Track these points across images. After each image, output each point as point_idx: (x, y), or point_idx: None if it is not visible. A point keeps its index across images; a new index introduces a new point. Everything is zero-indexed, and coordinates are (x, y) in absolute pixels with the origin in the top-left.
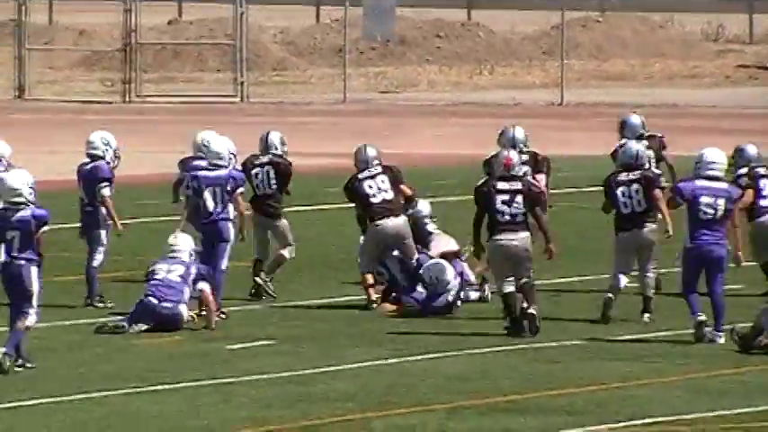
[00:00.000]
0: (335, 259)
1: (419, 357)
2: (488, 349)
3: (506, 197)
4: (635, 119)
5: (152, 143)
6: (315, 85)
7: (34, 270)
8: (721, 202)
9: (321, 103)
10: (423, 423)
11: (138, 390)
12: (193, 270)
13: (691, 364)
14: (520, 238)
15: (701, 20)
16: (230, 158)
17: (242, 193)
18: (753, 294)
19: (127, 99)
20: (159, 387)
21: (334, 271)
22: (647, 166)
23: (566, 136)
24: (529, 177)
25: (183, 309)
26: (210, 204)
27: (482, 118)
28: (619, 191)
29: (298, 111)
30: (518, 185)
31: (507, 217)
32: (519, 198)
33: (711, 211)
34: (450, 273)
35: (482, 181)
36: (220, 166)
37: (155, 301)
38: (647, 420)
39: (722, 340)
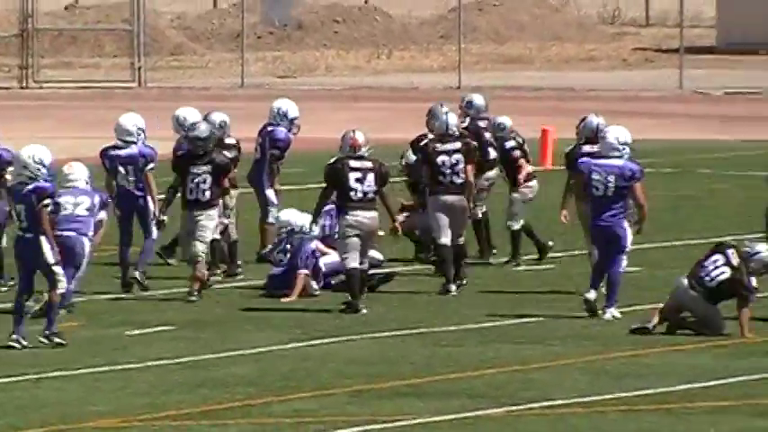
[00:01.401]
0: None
1: (319, 342)
2: (388, 333)
3: (359, 175)
4: (478, 99)
5: (50, 129)
6: (212, 69)
7: (43, 240)
8: (612, 179)
9: (219, 87)
10: (323, 407)
11: (37, 376)
12: (97, 200)
13: (589, 346)
14: (371, 216)
15: (597, 3)
16: (139, 134)
17: (152, 169)
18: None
19: (24, 85)
20: (58, 373)
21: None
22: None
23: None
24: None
25: (86, 242)
26: (125, 182)
27: (381, 102)
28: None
29: (195, 95)
30: (369, 164)
31: (360, 194)
32: (371, 177)
33: (602, 188)
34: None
35: (334, 159)
36: (129, 143)
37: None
38: (545, 403)
39: (608, 316)
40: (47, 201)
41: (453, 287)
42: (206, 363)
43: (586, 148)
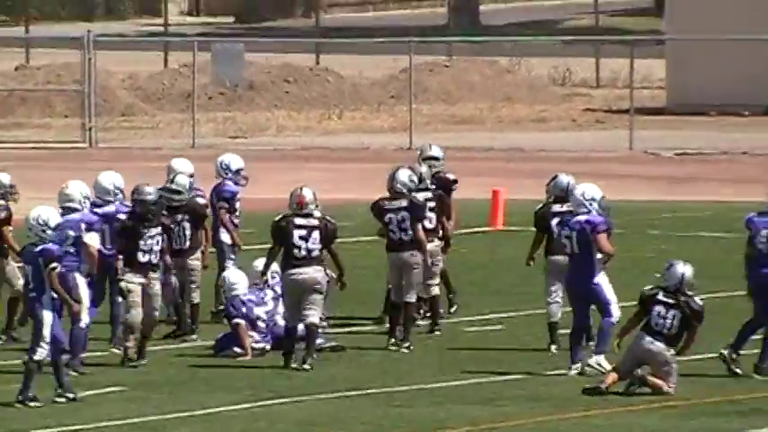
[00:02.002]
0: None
1: (270, 402)
2: (340, 393)
3: (303, 232)
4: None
5: None
6: (163, 130)
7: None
8: (574, 234)
9: (170, 148)
10: None
11: None
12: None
13: (541, 407)
14: (312, 273)
15: (548, 64)
16: (116, 194)
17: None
18: None
19: None
20: None
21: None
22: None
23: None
24: (327, 216)
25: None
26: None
27: (331, 162)
28: (554, 222)
29: (146, 156)
30: (315, 222)
31: (303, 252)
32: (316, 234)
33: (569, 245)
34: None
35: (280, 216)
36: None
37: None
38: None
39: (593, 361)
40: (54, 264)
41: (405, 345)
42: (156, 424)
43: (556, 207)
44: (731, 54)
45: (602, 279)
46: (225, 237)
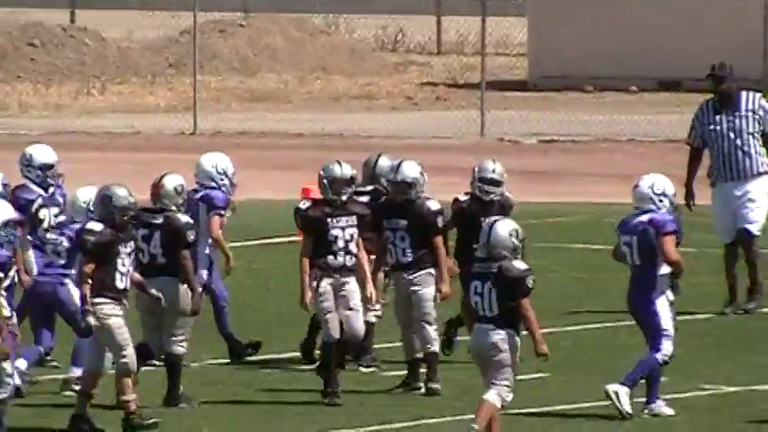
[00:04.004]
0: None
1: None
2: None
3: (146, 231)
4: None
5: None
6: None
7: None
8: (635, 240)
9: None
10: None
11: None
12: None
13: None
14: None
15: (374, 24)
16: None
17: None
18: None
19: None
20: None
21: None
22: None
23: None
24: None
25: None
26: None
27: (92, 151)
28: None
29: None
30: (159, 219)
31: (147, 257)
32: (158, 234)
33: (628, 253)
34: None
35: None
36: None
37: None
38: None
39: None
40: None
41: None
42: None
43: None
44: (613, 12)
45: (661, 303)
46: None
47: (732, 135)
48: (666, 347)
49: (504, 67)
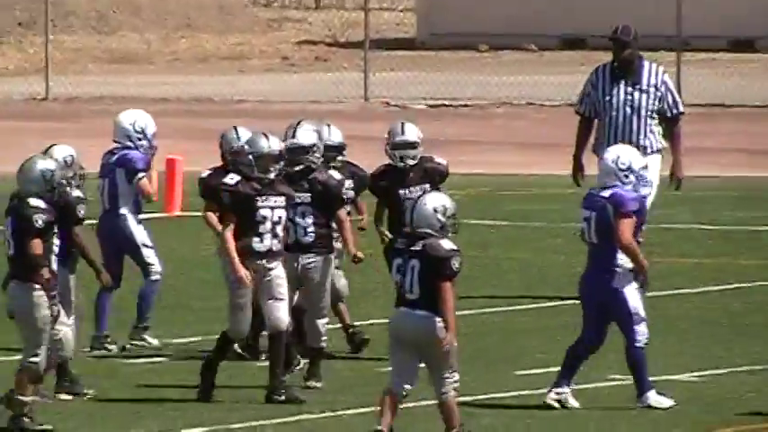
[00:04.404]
0: None
1: None
2: None
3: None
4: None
5: None
6: None
7: None
8: (593, 216)
9: None
10: None
11: None
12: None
13: None
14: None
15: None
16: None
17: None
18: None
19: None
20: None
21: None
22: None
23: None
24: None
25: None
26: None
27: None
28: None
29: None
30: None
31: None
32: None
33: (586, 229)
34: None
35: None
36: None
37: None
38: None
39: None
40: None
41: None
42: None
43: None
44: None
45: (625, 287)
46: None
47: (629, 110)
48: (641, 331)
49: (389, 23)
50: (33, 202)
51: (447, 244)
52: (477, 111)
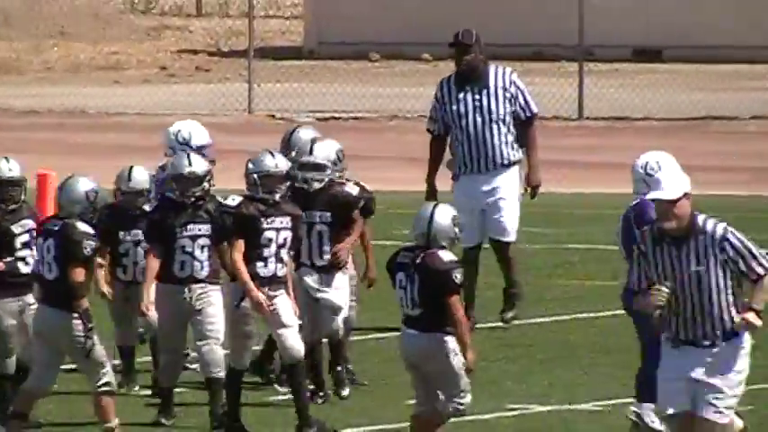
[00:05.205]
0: None
1: None
2: None
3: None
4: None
5: None
6: None
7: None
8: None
9: None
10: None
11: None
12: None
13: None
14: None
15: None
16: None
17: None
18: None
19: None
20: None
21: None
22: None
23: None
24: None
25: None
26: None
27: None
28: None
29: None
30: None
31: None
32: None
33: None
34: None
35: None
36: None
37: None
38: None
39: None
40: None
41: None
42: None
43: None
44: None
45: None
46: None
47: (479, 118)
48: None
49: (275, 31)
50: (82, 227)
51: (446, 255)
52: (368, 124)
